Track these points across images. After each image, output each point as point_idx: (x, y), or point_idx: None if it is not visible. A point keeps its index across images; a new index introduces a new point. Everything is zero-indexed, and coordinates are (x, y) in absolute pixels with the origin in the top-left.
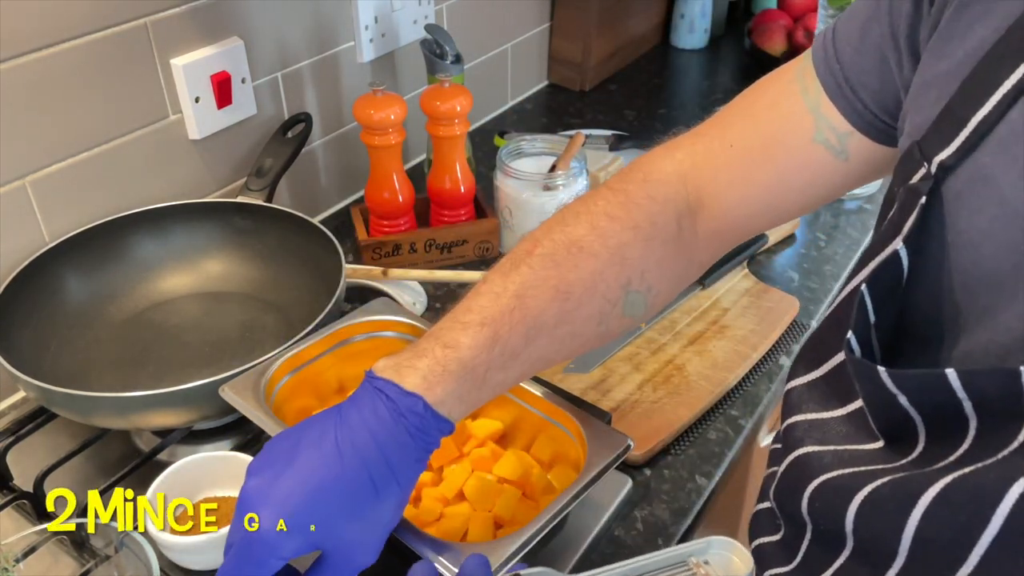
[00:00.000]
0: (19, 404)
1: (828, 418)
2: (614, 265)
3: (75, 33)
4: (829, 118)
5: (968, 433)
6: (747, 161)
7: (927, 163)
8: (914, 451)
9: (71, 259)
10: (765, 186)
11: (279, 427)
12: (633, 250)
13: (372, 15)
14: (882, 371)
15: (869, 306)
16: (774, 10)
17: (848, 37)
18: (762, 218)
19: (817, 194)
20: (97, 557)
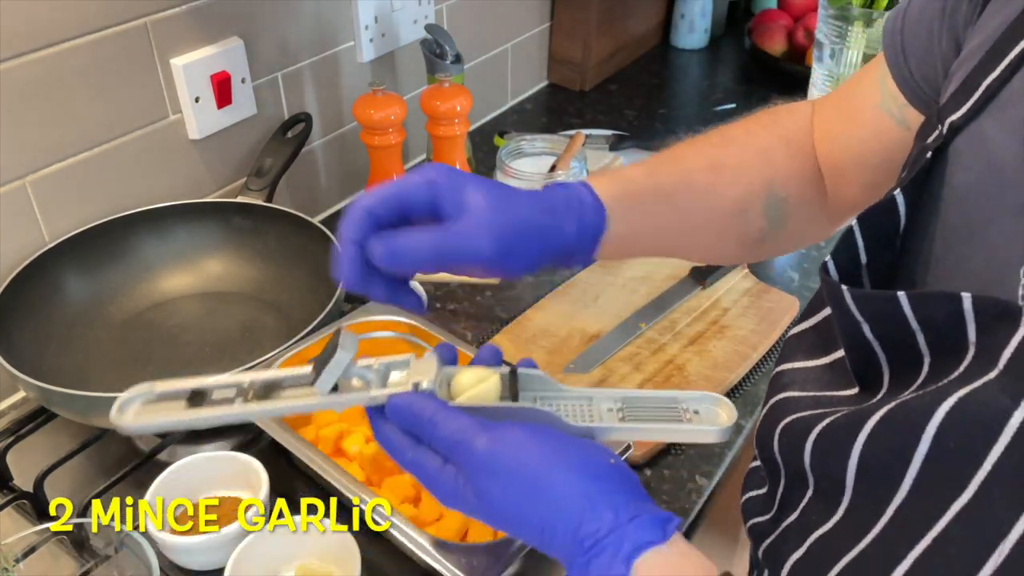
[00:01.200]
0: (19, 404)
1: (812, 366)
2: (760, 162)
3: (75, 33)
4: (890, 88)
5: (922, 372)
6: (835, 119)
7: (941, 125)
8: (879, 395)
9: (71, 259)
10: (846, 148)
11: (279, 427)
12: (778, 154)
13: (372, 15)
14: (846, 291)
15: (859, 242)
16: (774, 10)
17: (913, 10)
18: (866, 185)
19: (893, 165)
20: (97, 557)
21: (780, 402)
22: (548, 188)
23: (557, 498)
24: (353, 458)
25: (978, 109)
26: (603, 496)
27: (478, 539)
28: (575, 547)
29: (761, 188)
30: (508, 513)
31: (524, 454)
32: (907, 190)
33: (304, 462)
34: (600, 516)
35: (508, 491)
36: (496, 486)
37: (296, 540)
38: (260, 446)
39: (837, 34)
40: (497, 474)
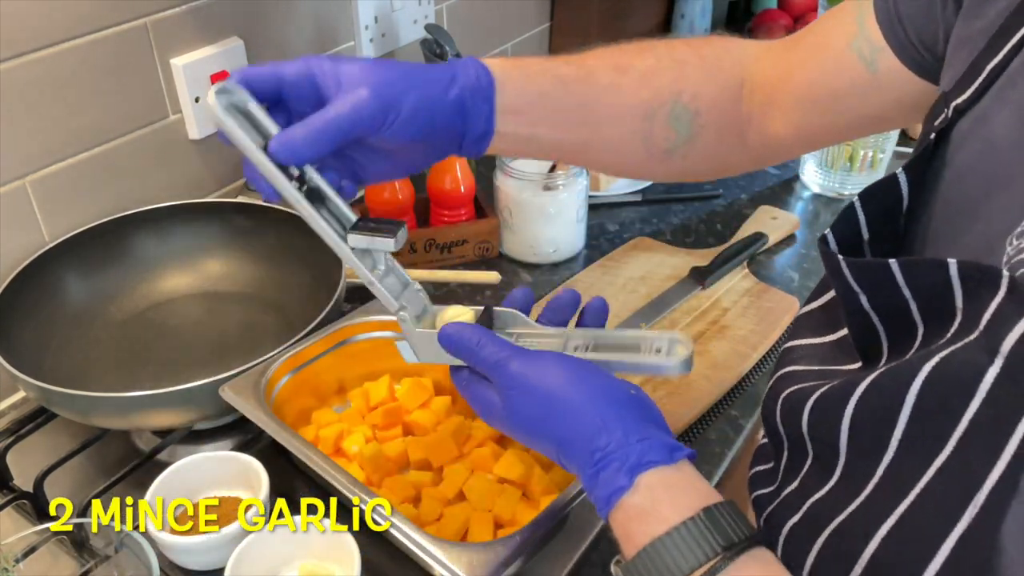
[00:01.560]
0: (19, 404)
1: (819, 343)
2: (672, 72)
3: (75, 33)
4: (869, 30)
5: (916, 342)
6: (795, 55)
7: (947, 108)
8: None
9: (71, 259)
10: (806, 83)
11: (279, 427)
12: (693, 70)
13: (372, 15)
14: (842, 260)
15: (861, 218)
16: (774, 10)
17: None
18: (801, 126)
19: (849, 107)
20: (97, 557)
21: (785, 375)
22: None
23: (575, 416)
24: (353, 458)
25: (981, 92)
26: (617, 418)
27: (478, 539)
28: (587, 459)
29: (668, 96)
30: (533, 427)
31: (550, 376)
32: (910, 169)
33: (304, 462)
34: (611, 433)
35: (534, 407)
36: (524, 402)
37: (296, 540)
38: (260, 446)
39: None
40: (526, 392)
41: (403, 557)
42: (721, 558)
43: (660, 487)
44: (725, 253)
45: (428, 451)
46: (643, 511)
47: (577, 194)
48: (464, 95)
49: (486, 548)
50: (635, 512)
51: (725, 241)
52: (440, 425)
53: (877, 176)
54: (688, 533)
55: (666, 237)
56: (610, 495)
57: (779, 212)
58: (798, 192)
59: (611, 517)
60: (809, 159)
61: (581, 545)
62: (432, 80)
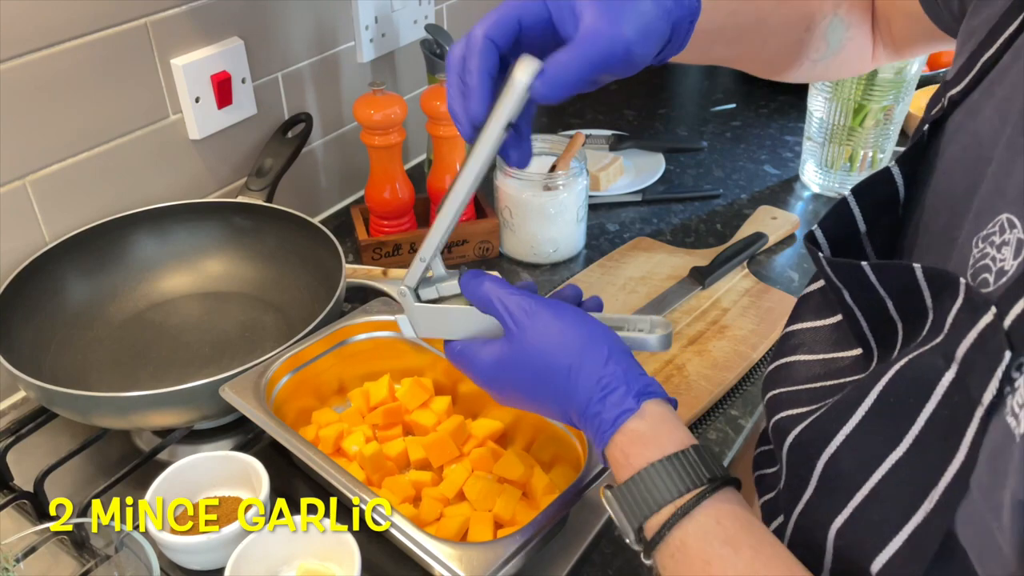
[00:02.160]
0: (19, 404)
1: (819, 326)
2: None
3: (75, 33)
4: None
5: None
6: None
7: (943, 99)
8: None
9: (71, 259)
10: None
11: (279, 427)
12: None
13: (372, 15)
14: (822, 256)
15: (856, 212)
16: None
17: None
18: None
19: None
20: (97, 557)
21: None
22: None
23: (587, 345)
24: (353, 458)
25: (974, 84)
26: (622, 352)
27: (478, 539)
28: (595, 384)
29: (829, 8)
30: (544, 361)
31: (567, 313)
32: (903, 162)
33: (304, 462)
34: (618, 363)
35: (549, 341)
36: (540, 338)
37: (296, 540)
38: (260, 446)
39: None
40: (544, 326)
41: (403, 557)
42: (706, 488)
43: (660, 418)
44: (725, 253)
45: (428, 451)
46: (644, 436)
47: (577, 194)
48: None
49: (486, 548)
50: (637, 436)
51: (725, 241)
52: (440, 425)
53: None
54: (680, 463)
55: (666, 237)
56: (617, 416)
57: (779, 212)
58: (798, 192)
59: (612, 441)
60: (809, 159)
61: (581, 545)
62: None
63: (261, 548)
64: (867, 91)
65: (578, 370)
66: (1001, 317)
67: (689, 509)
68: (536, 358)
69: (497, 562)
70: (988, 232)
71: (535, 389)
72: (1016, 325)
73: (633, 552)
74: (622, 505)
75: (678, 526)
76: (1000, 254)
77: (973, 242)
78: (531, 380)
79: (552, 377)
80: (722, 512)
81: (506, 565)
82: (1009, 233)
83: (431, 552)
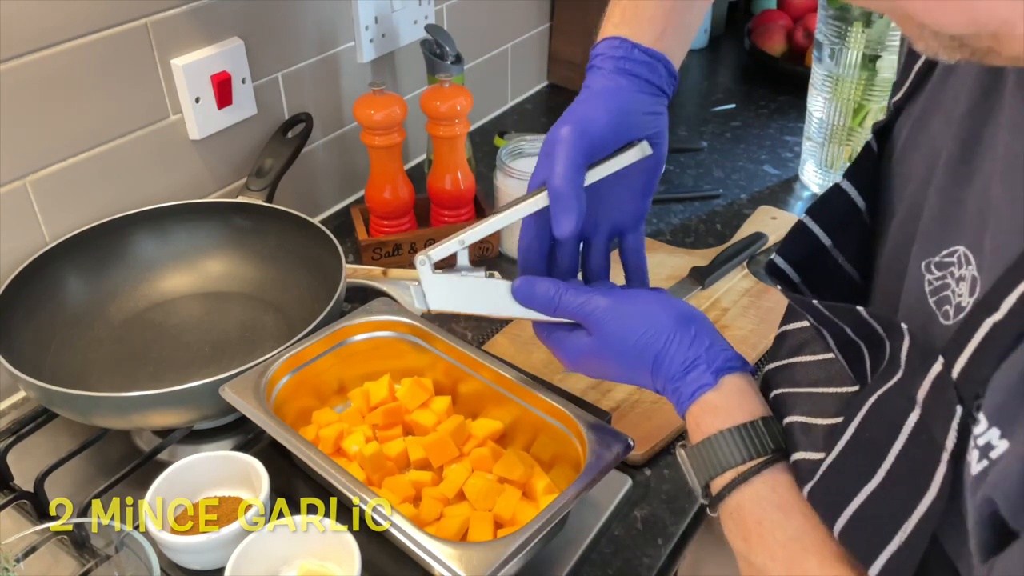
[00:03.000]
0: (19, 404)
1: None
2: None
3: (75, 33)
4: None
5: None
6: None
7: (889, 104)
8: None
9: (71, 259)
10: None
11: (280, 427)
12: None
13: (372, 15)
14: (779, 288)
15: (817, 231)
16: (774, 10)
17: None
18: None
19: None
20: (97, 557)
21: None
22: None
23: (672, 331)
24: (353, 458)
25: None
26: (705, 331)
27: (478, 539)
28: (680, 364)
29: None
30: (629, 348)
31: (643, 302)
32: (852, 175)
33: (304, 462)
34: (700, 342)
35: (632, 330)
36: (622, 328)
37: (296, 540)
38: (260, 446)
39: (837, 34)
40: (624, 318)
41: (403, 557)
42: (767, 459)
43: (735, 391)
44: (725, 253)
45: (428, 451)
46: (717, 407)
47: None
48: (620, 69)
49: (486, 548)
50: (710, 407)
51: (725, 241)
52: (440, 425)
53: None
54: (747, 432)
55: (666, 237)
56: (695, 391)
57: (779, 212)
58: (798, 192)
59: (688, 411)
60: (809, 159)
61: (581, 545)
62: (596, 89)
63: (261, 548)
64: (867, 91)
65: (662, 357)
66: (949, 367)
67: (749, 476)
68: (620, 352)
69: (497, 562)
70: (943, 259)
71: (622, 374)
72: (963, 379)
73: (633, 552)
74: (693, 463)
75: (737, 490)
76: (958, 288)
77: (923, 266)
78: (616, 368)
79: (636, 365)
80: (779, 481)
81: (506, 565)
82: (965, 268)
83: (431, 552)
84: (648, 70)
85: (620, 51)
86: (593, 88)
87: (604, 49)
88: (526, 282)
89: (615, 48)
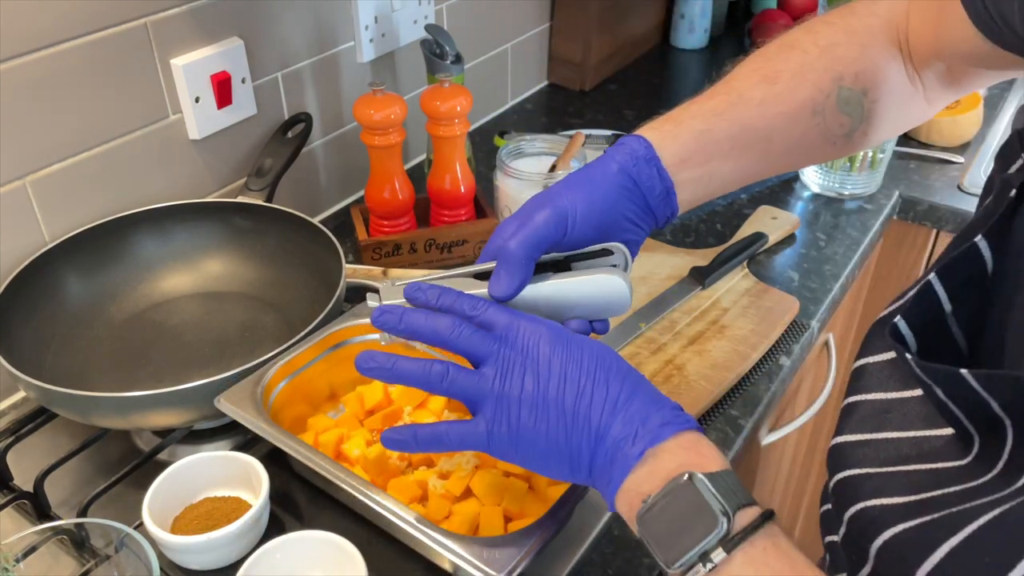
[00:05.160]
0: (19, 404)
1: (907, 398)
2: (824, 59)
3: (75, 33)
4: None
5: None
6: (929, 21)
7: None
8: (972, 448)
9: (71, 259)
10: (935, 42)
11: (279, 434)
12: (846, 50)
13: (372, 15)
14: (910, 358)
15: (941, 294)
16: (774, 10)
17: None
18: (958, 75)
19: (986, 65)
20: (97, 557)
21: (865, 445)
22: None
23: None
24: (356, 462)
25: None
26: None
27: (492, 533)
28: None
29: (829, 85)
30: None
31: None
32: (991, 234)
33: (315, 470)
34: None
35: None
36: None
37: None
38: (260, 446)
39: None
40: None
41: (407, 556)
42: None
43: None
44: (725, 253)
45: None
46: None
47: None
48: (629, 168)
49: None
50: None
51: (725, 241)
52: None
53: (877, 176)
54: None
55: (666, 237)
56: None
57: (779, 212)
58: (798, 192)
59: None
60: None
61: (581, 545)
62: (594, 175)
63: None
64: None
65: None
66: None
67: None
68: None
69: (517, 557)
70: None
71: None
72: None
73: (633, 552)
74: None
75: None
76: None
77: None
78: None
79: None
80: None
81: (519, 565)
82: None
83: (454, 550)
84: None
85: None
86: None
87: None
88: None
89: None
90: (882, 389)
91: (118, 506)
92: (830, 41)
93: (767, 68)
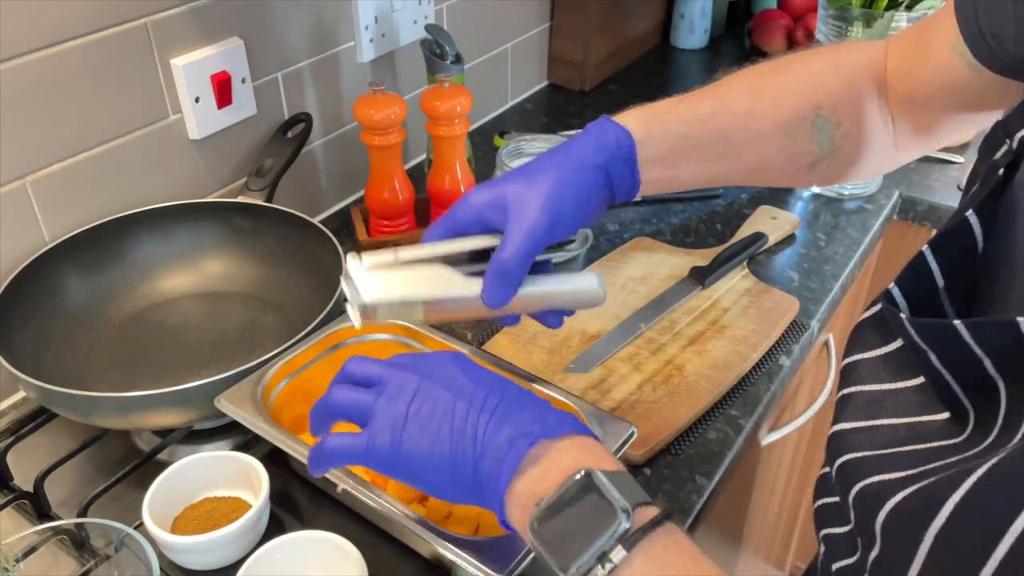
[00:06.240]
0: (19, 404)
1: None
2: (809, 86)
3: (75, 33)
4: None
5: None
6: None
7: (1009, 140)
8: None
9: (71, 259)
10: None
11: (279, 434)
12: (830, 79)
13: (372, 15)
14: (904, 318)
15: (934, 268)
16: (774, 10)
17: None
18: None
19: (962, 102)
20: (97, 557)
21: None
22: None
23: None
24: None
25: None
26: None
27: (492, 533)
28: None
29: (807, 111)
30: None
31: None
32: (981, 210)
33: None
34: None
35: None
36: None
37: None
38: (260, 446)
39: (837, 34)
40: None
41: (407, 556)
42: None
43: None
44: (725, 253)
45: None
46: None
47: None
48: (609, 166)
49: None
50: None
51: (725, 241)
52: None
53: (877, 176)
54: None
55: (666, 237)
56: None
57: (779, 212)
58: (798, 192)
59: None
60: None
61: None
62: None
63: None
64: None
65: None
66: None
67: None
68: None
69: (516, 557)
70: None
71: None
72: None
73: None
74: (616, 484)
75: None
76: None
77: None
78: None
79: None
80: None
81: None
82: None
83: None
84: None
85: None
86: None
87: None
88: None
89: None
90: (875, 381)
91: (118, 506)
92: (818, 69)
93: (756, 83)
